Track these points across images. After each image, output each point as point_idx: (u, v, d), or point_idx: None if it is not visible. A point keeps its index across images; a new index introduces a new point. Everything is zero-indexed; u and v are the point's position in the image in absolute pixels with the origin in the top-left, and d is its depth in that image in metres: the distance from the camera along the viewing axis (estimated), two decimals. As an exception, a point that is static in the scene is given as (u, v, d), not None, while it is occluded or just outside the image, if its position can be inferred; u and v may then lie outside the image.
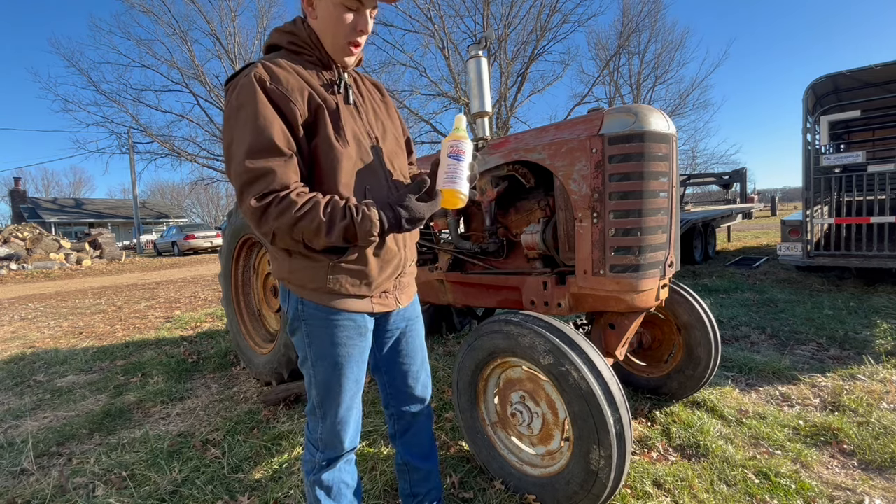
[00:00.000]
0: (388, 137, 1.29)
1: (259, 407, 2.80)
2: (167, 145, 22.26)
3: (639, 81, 25.62)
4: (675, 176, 1.84)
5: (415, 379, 1.42)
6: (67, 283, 11.31)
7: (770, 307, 4.56)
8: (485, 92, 2.20)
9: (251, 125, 1.02)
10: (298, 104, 1.08)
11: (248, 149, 1.02)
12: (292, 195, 1.02)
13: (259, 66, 1.08)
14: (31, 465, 2.25)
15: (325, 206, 1.03)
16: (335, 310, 1.17)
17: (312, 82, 1.14)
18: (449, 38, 19.16)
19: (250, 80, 1.04)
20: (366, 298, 1.21)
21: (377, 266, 1.19)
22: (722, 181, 14.06)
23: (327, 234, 1.03)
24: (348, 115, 1.17)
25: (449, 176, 1.12)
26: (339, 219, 1.03)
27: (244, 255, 3.43)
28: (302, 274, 1.16)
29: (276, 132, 1.03)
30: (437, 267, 2.57)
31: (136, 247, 24.69)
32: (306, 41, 1.17)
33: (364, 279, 1.18)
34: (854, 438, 2.09)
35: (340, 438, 1.25)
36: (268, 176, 1.01)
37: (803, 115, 5.38)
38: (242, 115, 1.04)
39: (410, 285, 1.38)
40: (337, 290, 1.16)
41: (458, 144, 1.14)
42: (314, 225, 1.02)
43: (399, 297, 1.30)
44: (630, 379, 2.62)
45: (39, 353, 4.41)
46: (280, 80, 1.07)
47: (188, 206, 59.40)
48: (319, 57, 1.18)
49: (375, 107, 1.31)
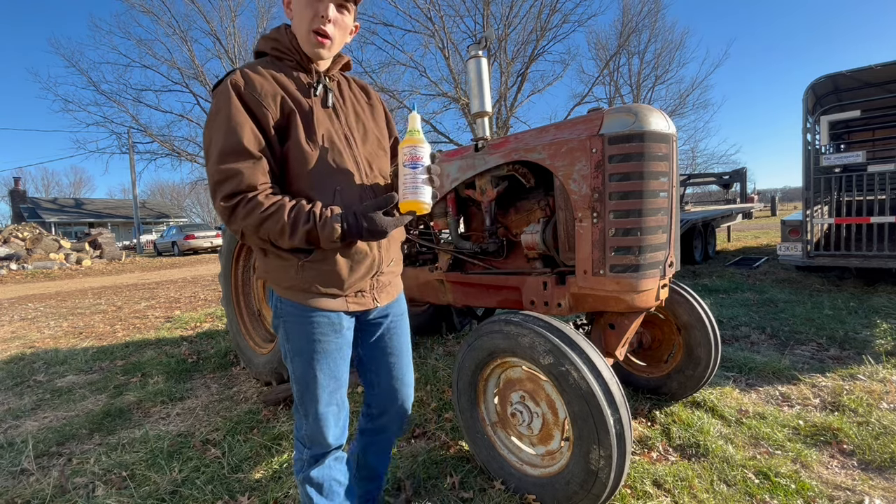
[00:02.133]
0: (369, 139, 1.32)
1: (259, 407, 2.80)
2: (167, 145, 22.29)
3: (639, 81, 25.63)
4: (675, 176, 1.84)
5: (399, 377, 1.42)
6: (67, 283, 11.31)
7: (770, 307, 4.56)
8: (485, 92, 2.20)
9: (224, 128, 1.08)
10: (271, 108, 1.13)
11: (220, 151, 1.07)
12: (259, 196, 1.08)
13: (237, 73, 1.13)
14: (31, 465, 2.25)
15: (289, 209, 1.09)
16: (310, 307, 1.20)
17: (288, 87, 1.18)
18: (449, 38, 19.17)
19: (226, 86, 1.10)
20: (339, 297, 1.23)
21: (346, 267, 1.20)
22: (722, 181, 14.06)
23: (290, 236, 1.09)
24: (324, 117, 1.21)
25: (407, 187, 1.14)
26: (302, 222, 1.08)
27: (244, 255, 3.43)
28: (276, 273, 1.21)
29: (245, 135, 1.08)
30: (437, 267, 2.57)
31: (136, 247, 24.69)
32: (287, 46, 1.21)
33: (333, 279, 1.20)
34: (854, 438, 2.09)
35: (324, 434, 1.26)
36: (236, 177, 1.07)
37: (803, 115, 5.38)
38: (218, 118, 1.09)
39: (392, 284, 1.39)
40: (308, 288, 1.19)
41: (412, 151, 1.14)
42: (278, 227, 1.08)
43: (377, 295, 1.31)
44: (630, 379, 2.62)
45: (39, 353, 4.41)
46: (255, 85, 1.12)
47: (188, 206, 59.48)
48: (299, 61, 1.22)
49: (358, 109, 1.33)
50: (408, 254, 2.98)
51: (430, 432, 2.35)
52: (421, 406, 2.64)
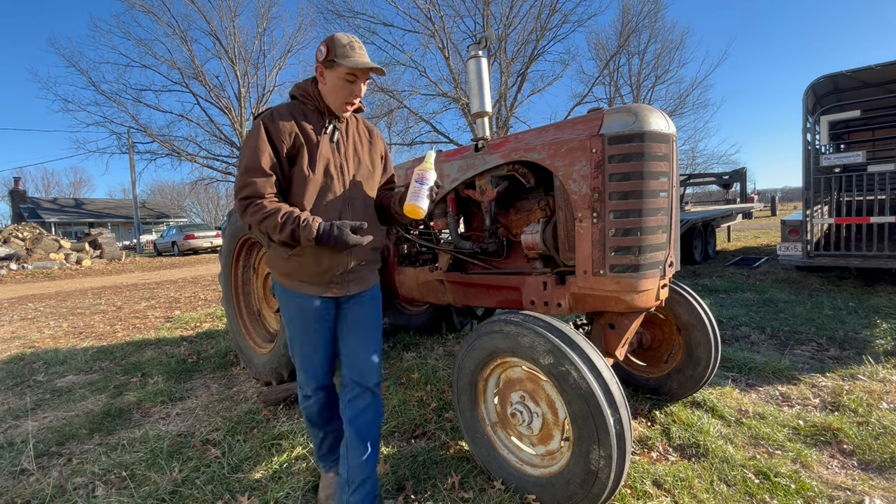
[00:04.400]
0: (362, 170, 1.70)
1: (259, 407, 2.80)
2: (167, 145, 22.26)
3: (639, 81, 25.61)
4: (675, 176, 1.84)
5: (363, 347, 1.70)
6: (67, 283, 11.31)
7: (770, 307, 4.56)
8: (485, 92, 2.20)
9: (251, 151, 1.51)
10: (286, 141, 1.54)
11: (245, 166, 1.51)
12: (264, 202, 1.50)
13: (269, 112, 1.57)
14: (31, 465, 2.25)
15: (283, 213, 1.47)
16: (293, 291, 1.63)
17: (304, 126, 1.58)
18: (449, 38, 19.17)
19: (259, 122, 1.55)
20: (314, 285, 1.61)
21: (315, 263, 1.58)
22: (722, 181, 14.05)
23: (279, 231, 1.47)
24: (328, 149, 1.60)
25: (412, 195, 1.56)
26: (289, 223, 1.47)
27: (244, 255, 3.43)
28: (274, 262, 1.64)
29: (263, 159, 1.50)
30: (438, 267, 2.57)
31: (136, 247, 24.68)
32: (311, 95, 1.64)
33: (308, 270, 1.59)
34: (854, 438, 2.09)
35: (307, 381, 1.71)
36: (252, 186, 1.50)
37: (803, 115, 5.38)
38: (249, 143, 1.53)
39: (364, 277, 1.72)
40: (292, 276, 1.61)
41: (423, 173, 1.58)
42: (272, 224, 1.47)
43: (349, 286, 1.67)
44: (630, 379, 2.62)
45: (39, 353, 4.41)
46: (277, 123, 1.54)
47: (188, 206, 59.40)
48: (317, 107, 1.64)
49: (358, 145, 1.72)
50: (408, 254, 2.98)
51: (430, 432, 2.35)
52: (421, 406, 2.64)
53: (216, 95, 22.50)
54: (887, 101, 5.90)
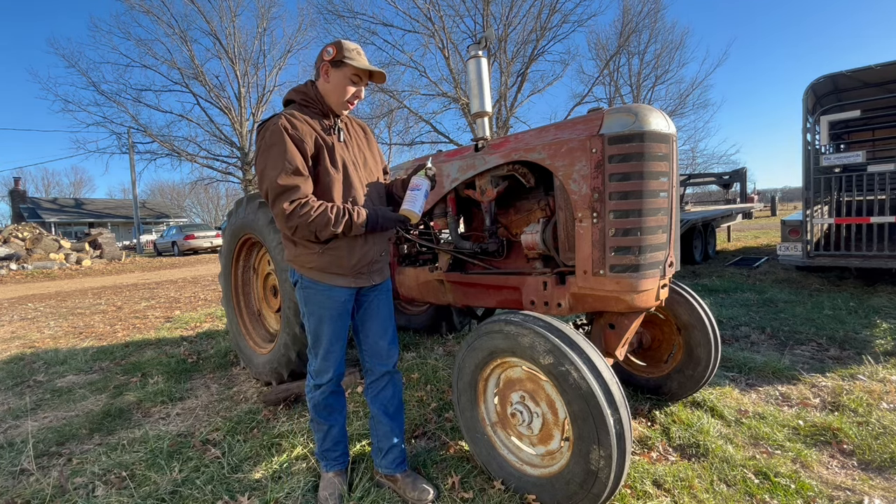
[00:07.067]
0: (368, 165, 1.83)
1: (259, 407, 2.80)
2: (167, 145, 22.27)
3: (639, 81, 25.63)
4: (675, 176, 1.84)
5: (383, 335, 1.86)
6: (67, 283, 11.31)
7: (770, 307, 4.56)
8: (485, 92, 2.20)
9: (283, 157, 1.55)
10: (308, 144, 1.60)
11: (280, 173, 1.54)
12: (311, 201, 1.57)
13: (283, 118, 1.59)
14: (31, 465, 2.25)
15: (331, 208, 1.59)
16: (323, 283, 1.70)
17: (317, 128, 1.66)
18: (449, 38, 19.17)
19: (278, 128, 1.57)
20: (345, 277, 1.71)
21: (349, 255, 1.69)
22: (722, 181, 14.04)
23: (334, 225, 1.58)
24: (341, 149, 1.70)
25: (408, 201, 1.70)
26: (342, 215, 1.60)
27: (244, 255, 3.43)
28: (302, 257, 1.70)
29: (299, 162, 1.57)
30: (438, 267, 2.57)
31: (136, 247, 24.67)
32: (313, 98, 1.71)
33: (342, 263, 1.68)
34: (854, 438, 2.09)
35: (327, 368, 1.78)
36: (296, 189, 1.55)
37: (803, 115, 5.38)
38: (274, 150, 1.56)
39: (384, 268, 1.86)
40: (324, 269, 1.68)
41: (419, 181, 1.73)
42: (325, 220, 1.57)
43: (373, 276, 1.79)
44: (630, 379, 2.62)
45: (39, 353, 4.41)
46: (297, 128, 1.60)
47: (188, 206, 59.38)
48: (321, 109, 1.72)
49: (359, 143, 1.83)
50: (408, 254, 2.98)
51: (430, 432, 2.35)
52: (421, 406, 2.64)
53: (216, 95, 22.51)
54: (887, 101, 5.90)
